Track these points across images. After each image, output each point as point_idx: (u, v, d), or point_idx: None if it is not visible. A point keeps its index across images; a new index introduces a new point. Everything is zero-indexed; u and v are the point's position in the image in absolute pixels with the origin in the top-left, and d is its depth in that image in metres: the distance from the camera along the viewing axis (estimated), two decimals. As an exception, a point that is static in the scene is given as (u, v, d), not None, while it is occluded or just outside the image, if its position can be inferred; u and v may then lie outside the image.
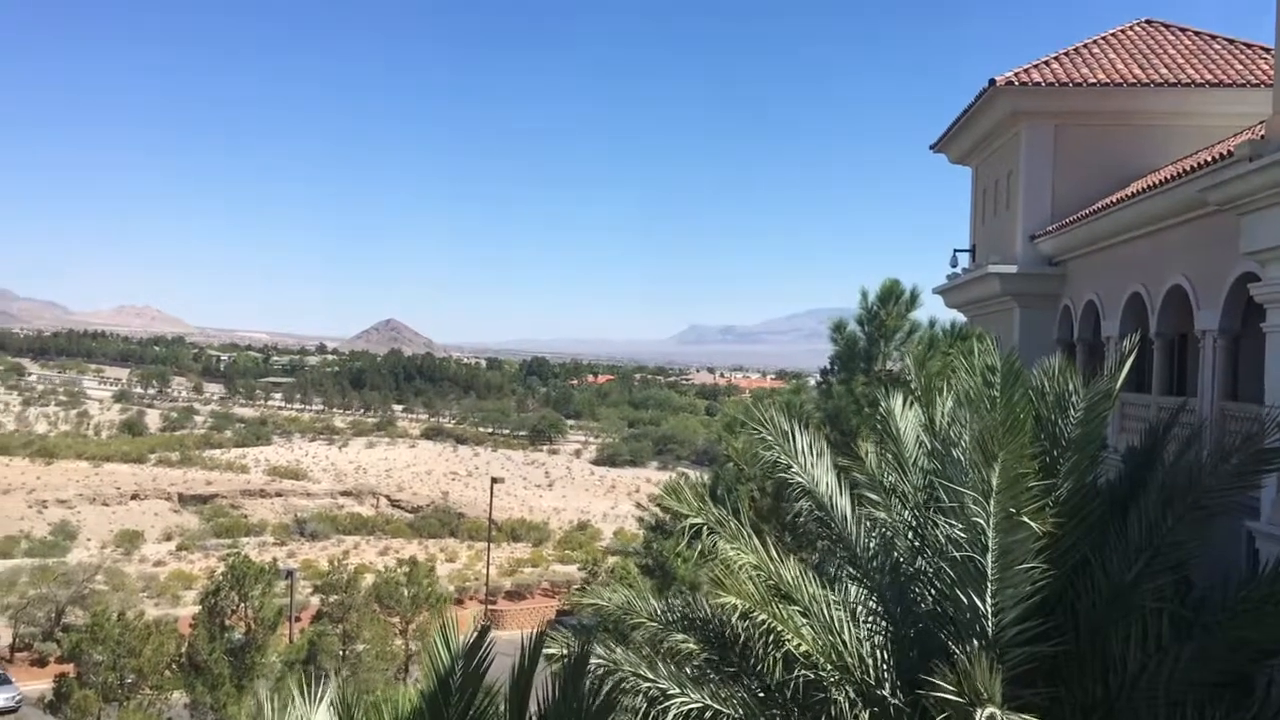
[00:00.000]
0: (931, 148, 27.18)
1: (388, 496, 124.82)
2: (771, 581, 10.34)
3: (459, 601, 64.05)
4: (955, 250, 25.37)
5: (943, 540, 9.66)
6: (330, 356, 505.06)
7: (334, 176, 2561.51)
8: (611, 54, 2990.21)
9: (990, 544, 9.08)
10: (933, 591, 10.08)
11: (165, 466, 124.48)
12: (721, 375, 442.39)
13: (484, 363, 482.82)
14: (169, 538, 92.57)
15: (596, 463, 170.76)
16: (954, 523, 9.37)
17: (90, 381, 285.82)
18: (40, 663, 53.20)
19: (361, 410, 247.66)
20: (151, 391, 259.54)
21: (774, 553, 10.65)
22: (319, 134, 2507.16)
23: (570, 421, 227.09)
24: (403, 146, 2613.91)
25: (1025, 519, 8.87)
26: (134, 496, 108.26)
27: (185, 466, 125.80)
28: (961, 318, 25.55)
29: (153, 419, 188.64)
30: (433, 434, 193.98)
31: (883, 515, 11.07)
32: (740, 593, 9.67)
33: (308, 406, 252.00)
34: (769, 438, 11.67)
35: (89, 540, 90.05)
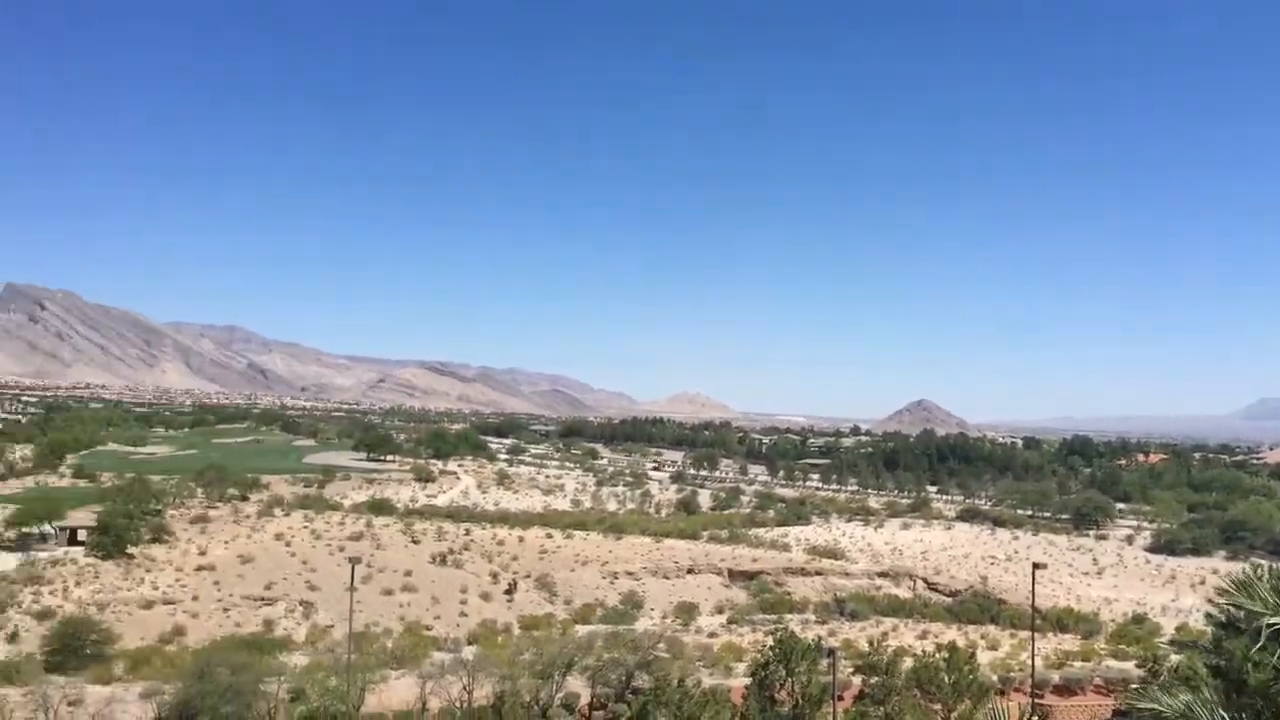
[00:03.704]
0: None
1: (924, 579, 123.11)
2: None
3: (1001, 692, 61.37)
4: None
5: None
6: (864, 438, 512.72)
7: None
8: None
9: None
10: None
11: (715, 543, 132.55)
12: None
13: (1020, 442, 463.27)
14: (720, 611, 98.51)
15: (1152, 550, 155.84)
16: None
17: (651, 463, 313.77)
18: (614, 721, 58.63)
19: (895, 491, 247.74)
20: (703, 473, 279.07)
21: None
22: (863, 227, 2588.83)
23: (1119, 505, 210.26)
24: (930, 231, 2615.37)
25: None
26: (689, 571, 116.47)
27: (733, 544, 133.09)
28: None
29: (704, 498, 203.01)
30: (968, 516, 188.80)
31: None
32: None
33: (843, 487, 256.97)
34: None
35: (652, 610, 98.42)
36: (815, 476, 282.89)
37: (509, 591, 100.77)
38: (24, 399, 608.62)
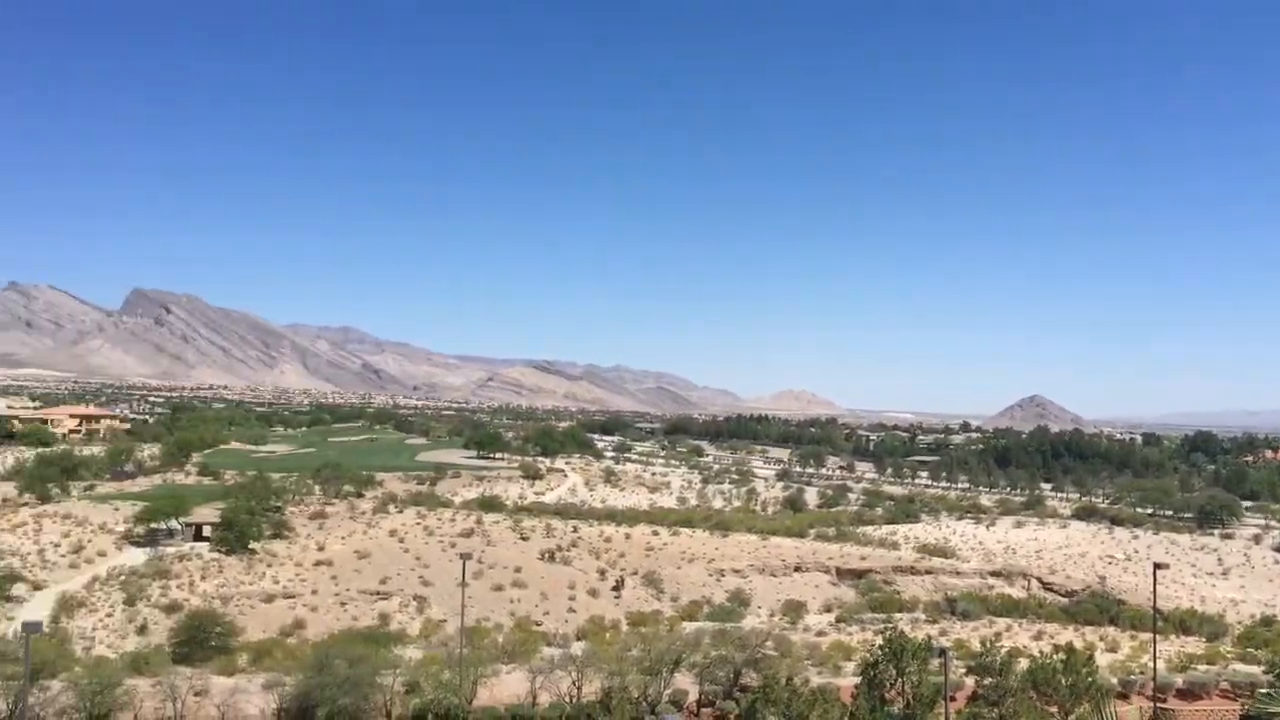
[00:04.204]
0: None
1: (1039, 579, 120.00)
2: None
3: (1122, 695, 59.60)
4: None
5: None
6: (974, 434, 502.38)
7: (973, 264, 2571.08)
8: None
9: None
10: None
11: (822, 541, 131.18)
12: None
13: (1139, 438, 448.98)
14: (828, 609, 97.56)
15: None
16: None
17: (756, 461, 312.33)
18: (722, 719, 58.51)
19: (1007, 489, 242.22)
20: (809, 470, 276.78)
21: None
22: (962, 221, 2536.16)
23: (1246, 503, 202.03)
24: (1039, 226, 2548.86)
25: None
26: (796, 569, 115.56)
27: (840, 542, 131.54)
28: None
29: (810, 496, 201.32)
30: (1084, 514, 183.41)
31: None
32: None
33: (953, 485, 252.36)
34: None
35: (759, 608, 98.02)
36: (924, 474, 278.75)
37: (616, 588, 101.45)
38: (151, 400, 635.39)
